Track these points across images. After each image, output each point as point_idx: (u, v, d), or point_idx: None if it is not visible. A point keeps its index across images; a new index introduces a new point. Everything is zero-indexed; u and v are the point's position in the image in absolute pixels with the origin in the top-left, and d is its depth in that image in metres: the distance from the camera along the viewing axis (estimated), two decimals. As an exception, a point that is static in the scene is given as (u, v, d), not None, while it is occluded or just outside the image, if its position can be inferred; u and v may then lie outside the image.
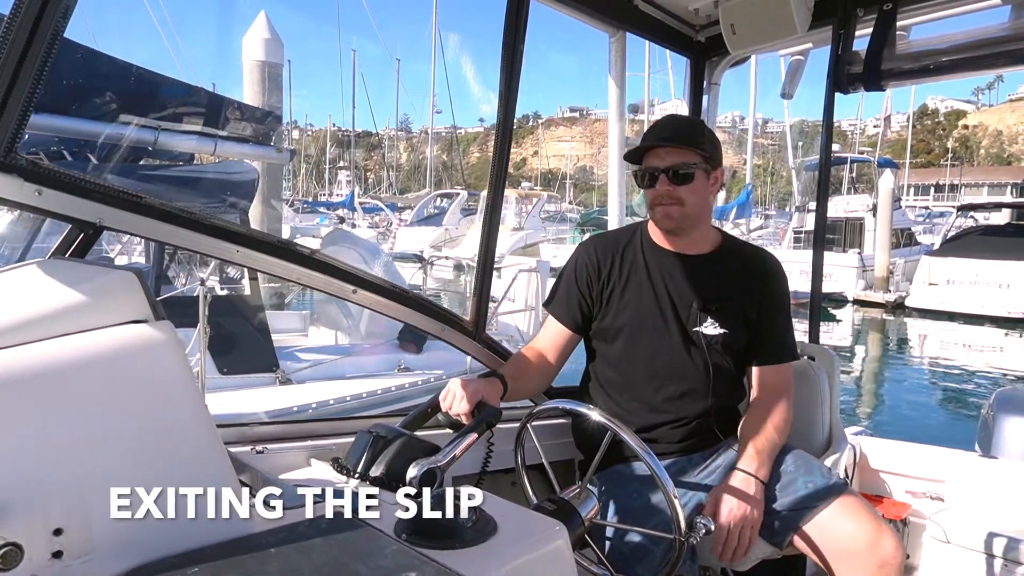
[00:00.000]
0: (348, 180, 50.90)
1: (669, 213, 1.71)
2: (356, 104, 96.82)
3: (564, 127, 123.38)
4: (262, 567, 0.81)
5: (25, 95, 1.11)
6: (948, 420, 9.26)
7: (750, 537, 1.55)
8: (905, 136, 67.54)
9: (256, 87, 9.30)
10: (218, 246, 1.51)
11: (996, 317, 15.27)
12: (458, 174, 61.75)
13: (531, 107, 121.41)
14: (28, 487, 0.75)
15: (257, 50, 9.38)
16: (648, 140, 1.72)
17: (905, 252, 19.43)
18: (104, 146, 5.48)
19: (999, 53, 2.06)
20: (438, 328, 1.97)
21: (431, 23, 43.70)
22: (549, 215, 32.49)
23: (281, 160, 7.94)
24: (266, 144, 7.09)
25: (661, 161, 1.69)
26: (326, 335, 6.90)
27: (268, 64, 9.41)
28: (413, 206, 32.70)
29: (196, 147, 6.41)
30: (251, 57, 9.41)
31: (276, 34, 9.66)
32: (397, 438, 1.29)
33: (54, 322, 0.84)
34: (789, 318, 1.84)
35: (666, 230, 1.77)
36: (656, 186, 1.70)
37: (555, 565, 1.01)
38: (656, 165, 1.70)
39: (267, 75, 9.37)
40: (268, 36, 9.45)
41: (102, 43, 25.04)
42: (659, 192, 1.70)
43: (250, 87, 9.35)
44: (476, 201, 29.90)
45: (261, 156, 7.33)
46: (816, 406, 2.05)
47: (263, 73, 9.34)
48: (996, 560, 2.09)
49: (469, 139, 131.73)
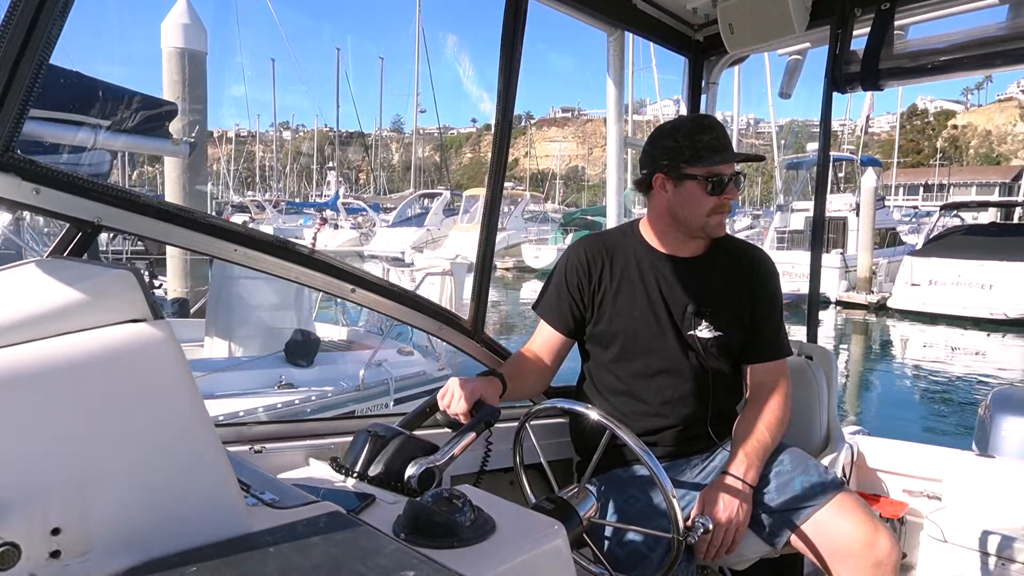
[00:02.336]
0: (337, 180, 50.77)
1: (723, 221, 1.72)
2: (348, 104, 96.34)
3: (556, 127, 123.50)
4: (260, 566, 0.81)
5: (22, 94, 1.11)
6: (931, 423, 9.15)
7: (735, 539, 1.55)
8: (895, 136, 67.70)
9: (175, 76, 8.65)
10: (216, 245, 1.51)
11: (978, 319, 15.10)
12: (450, 174, 61.69)
13: (523, 107, 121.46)
14: (26, 486, 0.75)
15: (176, 37, 8.71)
16: (719, 150, 1.68)
17: (889, 252, 19.33)
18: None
19: (997, 53, 2.06)
20: (436, 327, 1.97)
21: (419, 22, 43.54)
22: (533, 215, 32.37)
23: (178, 153, 7.36)
24: (160, 136, 6.50)
25: (729, 169, 1.69)
26: (220, 346, 6.20)
27: (188, 52, 8.72)
28: (398, 206, 32.67)
29: (70, 137, 5.63)
30: (169, 44, 8.74)
31: (198, 20, 8.96)
32: (395, 437, 1.29)
33: (51, 321, 0.84)
34: (782, 315, 1.85)
35: (715, 237, 1.77)
36: (725, 192, 1.68)
37: (553, 564, 1.01)
38: (726, 173, 1.68)
39: (187, 64, 8.70)
40: (188, 22, 8.74)
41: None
42: (730, 200, 1.69)
43: (168, 76, 8.68)
44: (459, 201, 29.84)
45: (154, 149, 6.83)
46: (813, 405, 2.05)
47: (182, 62, 8.67)
48: (992, 558, 2.09)
49: (462, 139, 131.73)
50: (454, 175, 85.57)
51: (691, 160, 1.67)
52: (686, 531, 1.38)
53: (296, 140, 79.80)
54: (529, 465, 1.70)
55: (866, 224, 18.12)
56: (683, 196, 1.70)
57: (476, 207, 26.55)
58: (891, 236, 21.16)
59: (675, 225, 1.76)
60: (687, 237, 1.77)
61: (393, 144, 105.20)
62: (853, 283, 18.12)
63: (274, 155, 69.20)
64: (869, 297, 17.37)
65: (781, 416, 1.72)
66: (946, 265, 15.77)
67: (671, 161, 1.70)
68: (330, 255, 1.79)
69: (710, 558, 1.57)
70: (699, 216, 1.70)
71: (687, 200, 1.70)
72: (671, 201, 1.73)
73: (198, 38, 8.93)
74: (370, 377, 5.89)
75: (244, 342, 6.15)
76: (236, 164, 60.59)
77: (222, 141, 71.72)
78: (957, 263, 15.65)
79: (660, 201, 1.75)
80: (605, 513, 1.65)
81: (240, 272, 6.04)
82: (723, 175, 1.67)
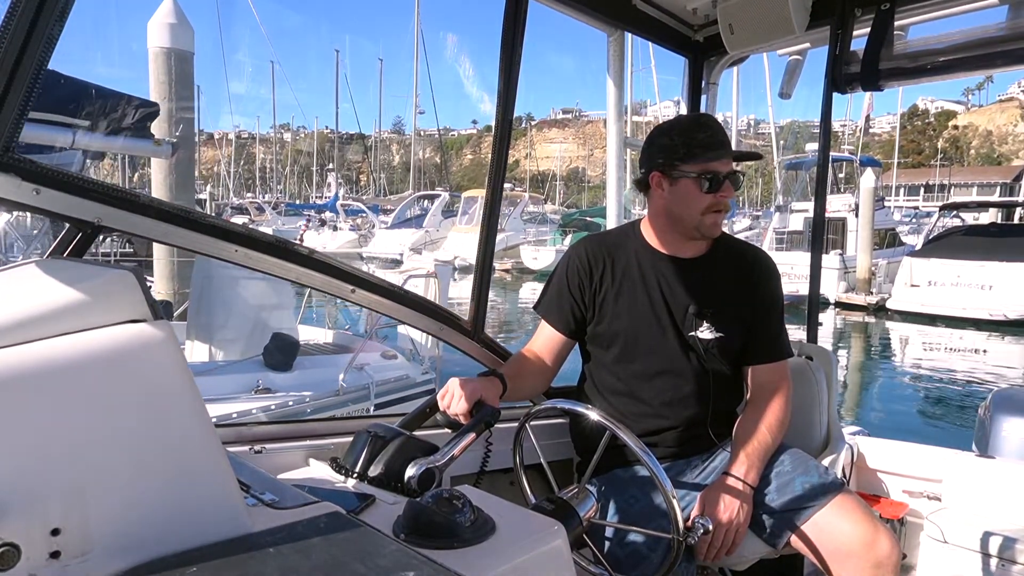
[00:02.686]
0: (338, 182, 50.93)
1: (718, 221, 1.71)
2: (352, 104, 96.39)
3: (557, 129, 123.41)
4: (260, 567, 0.81)
5: (22, 95, 1.11)
6: (931, 427, 9.01)
7: (734, 540, 1.55)
8: (896, 136, 67.62)
9: (162, 77, 8.50)
10: (217, 245, 1.51)
11: (978, 320, 14.91)
12: (449, 175, 61.67)
13: (523, 109, 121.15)
14: (26, 487, 0.75)
15: (162, 36, 8.54)
16: (714, 147, 1.66)
17: (889, 253, 19.19)
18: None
19: (996, 53, 2.06)
20: (436, 328, 1.97)
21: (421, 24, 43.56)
22: (532, 216, 32.27)
23: (160, 154, 7.29)
24: (143, 137, 6.45)
25: (725, 167, 1.67)
26: (201, 350, 6.05)
27: (175, 52, 8.58)
28: (396, 208, 32.73)
29: (49, 137, 5.55)
30: (156, 44, 8.57)
31: (185, 19, 8.79)
32: (395, 438, 1.29)
33: (51, 321, 0.84)
34: (783, 316, 1.84)
35: (712, 237, 1.75)
36: (721, 191, 1.66)
37: (553, 565, 1.01)
38: (722, 170, 1.66)
39: (174, 64, 8.56)
40: (174, 21, 8.59)
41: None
42: (725, 198, 1.67)
43: (155, 77, 8.53)
44: (457, 203, 29.80)
45: (135, 149, 6.73)
46: (814, 406, 2.05)
47: (169, 61, 8.53)
48: (992, 559, 2.09)
49: (462, 140, 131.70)
50: (454, 176, 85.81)
51: (685, 157, 1.66)
52: (686, 532, 1.38)
53: (296, 142, 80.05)
54: (529, 465, 1.70)
55: (865, 225, 17.98)
56: (678, 194, 1.69)
57: (474, 208, 26.52)
58: (891, 237, 21.04)
59: (672, 224, 1.75)
60: (684, 238, 1.76)
61: (394, 145, 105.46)
62: (852, 284, 17.99)
63: (274, 157, 69.54)
64: (868, 298, 17.19)
65: (782, 417, 1.72)
66: (946, 266, 15.62)
67: (667, 159, 1.70)
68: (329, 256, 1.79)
69: (710, 559, 1.57)
70: (694, 214, 1.69)
71: (682, 198, 1.69)
72: (667, 199, 1.72)
73: (185, 38, 8.80)
74: (351, 381, 5.81)
75: (225, 345, 6.04)
76: (236, 166, 60.74)
77: (223, 143, 72.07)
78: (957, 264, 15.51)
79: (658, 200, 1.75)
80: (605, 514, 1.65)
81: (221, 274, 5.96)
82: (718, 172, 1.65)
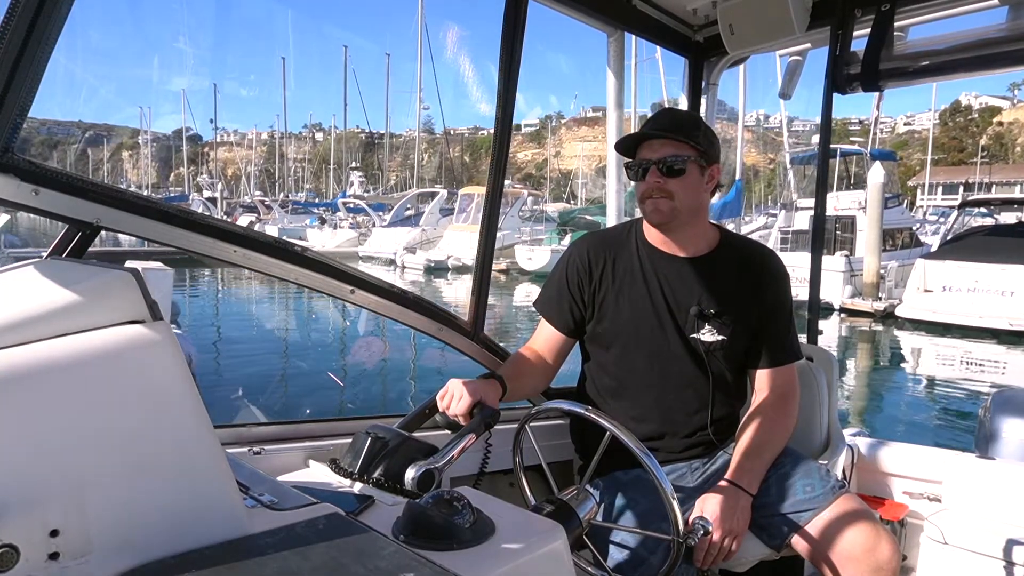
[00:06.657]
0: (360, 181, 51.26)
1: (658, 207, 1.66)
2: (380, 106, 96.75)
3: (587, 127, 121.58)
4: (260, 568, 0.81)
5: (22, 95, 1.11)
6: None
7: (732, 547, 1.54)
8: (936, 134, 65.75)
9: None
10: (216, 246, 1.51)
11: (997, 330, 13.14)
12: (478, 174, 61.71)
13: (551, 108, 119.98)
14: (24, 488, 0.74)
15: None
16: (645, 135, 1.68)
17: (904, 254, 17.60)
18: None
19: (997, 54, 2.06)
20: (436, 328, 1.96)
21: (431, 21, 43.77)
22: (532, 214, 31.93)
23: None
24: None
25: (654, 153, 1.65)
26: None
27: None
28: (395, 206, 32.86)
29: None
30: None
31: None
32: (395, 439, 1.29)
33: (50, 322, 0.83)
34: (791, 318, 1.80)
35: (656, 224, 1.72)
36: (647, 178, 1.66)
37: (553, 566, 1.01)
38: (648, 157, 1.66)
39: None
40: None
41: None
42: (649, 185, 1.65)
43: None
44: (454, 201, 29.66)
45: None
46: (814, 407, 2.05)
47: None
48: (993, 560, 2.09)
49: (487, 141, 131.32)
50: (482, 174, 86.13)
51: (631, 147, 1.71)
52: (686, 534, 1.38)
53: (324, 142, 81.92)
54: (529, 467, 1.69)
55: (873, 224, 16.37)
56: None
57: (471, 206, 26.34)
58: (908, 236, 19.10)
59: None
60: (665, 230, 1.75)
61: (424, 144, 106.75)
62: (860, 288, 16.22)
63: (304, 157, 71.65)
64: (875, 304, 15.51)
65: (787, 424, 1.69)
66: (963, 269, 14.01)
67: (624, 151, 1.75)
68: (327, 256, 1.79)
69: (707, 565, 1.55)
70: (640, 203, 1.72)
71: (635, 189, 1.73)
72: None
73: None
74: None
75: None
76: (267, 164, 62.29)
77: (255, 143, 75.09)
78: (975, 267, 13.89)
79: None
80: (605, 515, 1.64)
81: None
82: (645, 159, 1.67)
